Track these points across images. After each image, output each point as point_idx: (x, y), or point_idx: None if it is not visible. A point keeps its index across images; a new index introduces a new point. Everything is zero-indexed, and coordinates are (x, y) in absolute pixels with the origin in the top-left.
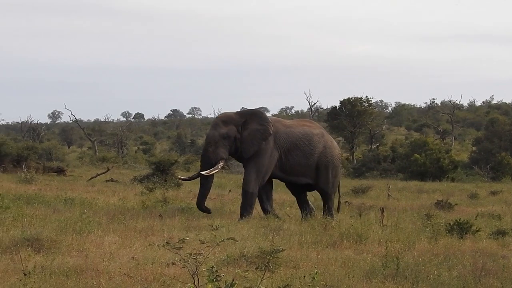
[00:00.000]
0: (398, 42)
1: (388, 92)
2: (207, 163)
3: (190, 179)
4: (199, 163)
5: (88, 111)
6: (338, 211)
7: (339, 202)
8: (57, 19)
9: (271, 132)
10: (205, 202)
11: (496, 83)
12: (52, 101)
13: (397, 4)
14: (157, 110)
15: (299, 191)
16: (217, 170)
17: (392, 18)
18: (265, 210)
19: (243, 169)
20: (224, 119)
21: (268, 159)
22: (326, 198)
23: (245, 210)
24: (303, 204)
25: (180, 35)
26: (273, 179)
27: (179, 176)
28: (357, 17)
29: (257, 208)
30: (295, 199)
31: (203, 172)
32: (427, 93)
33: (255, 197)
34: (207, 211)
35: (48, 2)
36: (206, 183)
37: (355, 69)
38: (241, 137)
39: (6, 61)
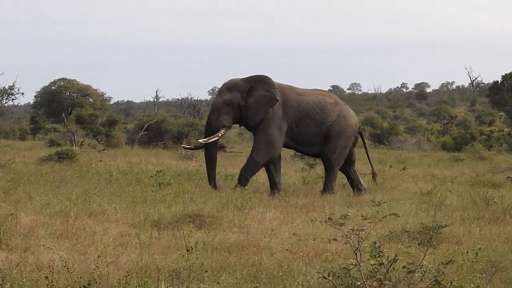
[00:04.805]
0: None
1: None
2: (209, 131)
3: (195, 148)
4: None
5: None
6: (375, 182)
7: (373, 172)
8: None
9: (278, 98)
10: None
11: None
12: (211, 77)
13: None
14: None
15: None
16: (216, 138)
17: None
18: (272, 181)
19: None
20: (230, 86)
21: (278, 130)
22: (328, 167)
23: (244, 176)
24: (353, 182)
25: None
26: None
27: (183, 145)
28: None
29: (417, 184)
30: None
31: (201, 140)
32: None
33: (259, 167)
34: (214, 185)
35: None
36: (208, 153)
37: None
38: (246, 104)
39: (167, 40)
